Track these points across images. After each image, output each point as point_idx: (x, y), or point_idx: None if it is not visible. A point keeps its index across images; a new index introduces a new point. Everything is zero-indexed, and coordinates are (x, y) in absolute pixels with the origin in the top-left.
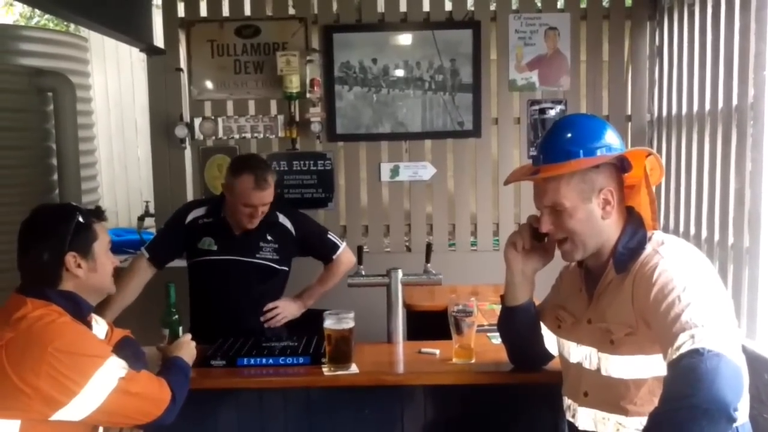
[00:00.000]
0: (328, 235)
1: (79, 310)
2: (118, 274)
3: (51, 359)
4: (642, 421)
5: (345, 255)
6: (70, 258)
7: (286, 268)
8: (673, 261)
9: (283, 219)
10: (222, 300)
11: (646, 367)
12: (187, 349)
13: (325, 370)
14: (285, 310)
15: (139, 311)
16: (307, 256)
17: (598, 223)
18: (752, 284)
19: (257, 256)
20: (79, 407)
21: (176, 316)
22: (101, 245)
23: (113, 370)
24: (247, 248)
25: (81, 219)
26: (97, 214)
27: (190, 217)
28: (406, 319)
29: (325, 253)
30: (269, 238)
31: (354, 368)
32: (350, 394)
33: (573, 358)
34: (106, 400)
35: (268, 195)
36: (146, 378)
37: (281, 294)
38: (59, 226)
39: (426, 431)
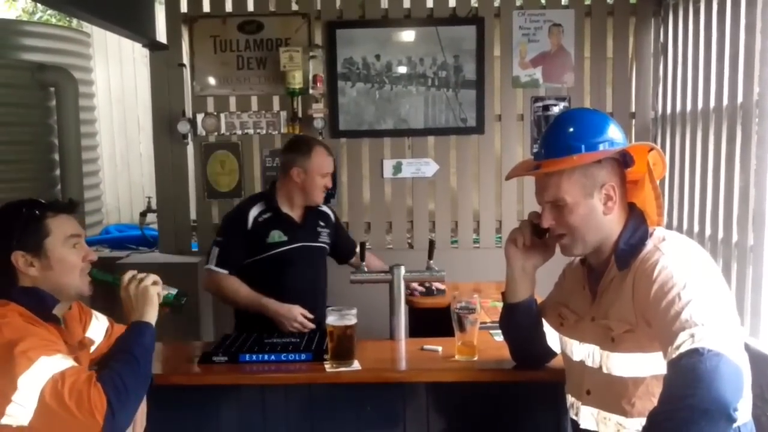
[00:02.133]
0: (349, 233)
1: (43, 305)
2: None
3: None
4: (641, 421)
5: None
6: (19, 257)
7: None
8: (673, 257)
9: (324, 208)
10: (299, 286)
11: (645, 365)
12: (138, 301)
13: (328, 366)
14: None
15: None
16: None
17: (599, 218)
18: (756, 282)
19: (319, 240)
20: (19, 412)
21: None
22: (56, 241)
23: (40, 373)
24: (311, 234)
25: (28, 215)
26: (59, 206)
27: (251, 219)
28: (409, 315)
29: (350, 246)
30: (321, 224)
31: (356, 365)
32: (352, 390)
33: (576, 356)
34: (38, 407)
35: (333, 162)
36: (73, 386)
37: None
38: (4, 224)
39: (428, 428)
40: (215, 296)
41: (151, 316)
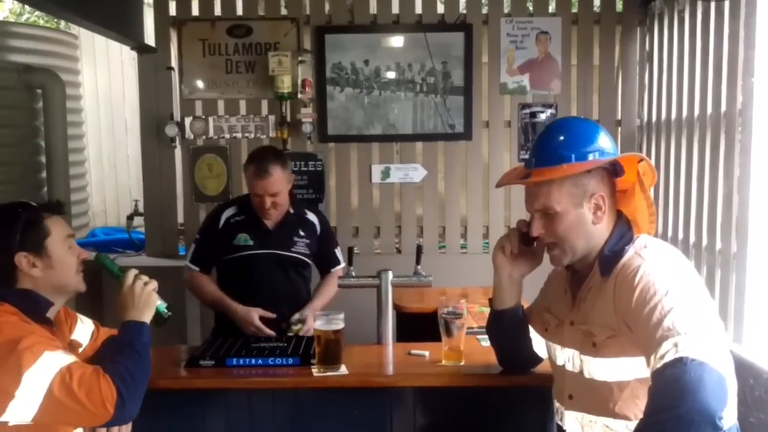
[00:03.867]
0: (337, 249)
1: (36, 307)
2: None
3: None
4: (627, 424)
5: (338, 274)
6: (22, 258)
7: (312, 263)
8: (654, 264)
9: (311, 216)
10: (260, 293)
11: (628, 369)
12: (135, 300)
13: (315, 371)
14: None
15: None
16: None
17: (588, 227)
18: (739, 289)
19: (292, 249)
20: (22, 408)
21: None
22: (56, 240)
23: (47, 367)
24: (282, 242)
25: (28, 217)
26: (50, 208)
27: (223, 219)
28: (396, 320)
29: (329, 261)
30: (301, 233)
31: (343, 369)
32: (339, 395)
33: (558, 361)
34: (45, 401)
35: (270, 184)
36: (81, 379)
37: (308, 288)
38: (5, 226)
39: None
40: (191, 293)
41: (148, 318)
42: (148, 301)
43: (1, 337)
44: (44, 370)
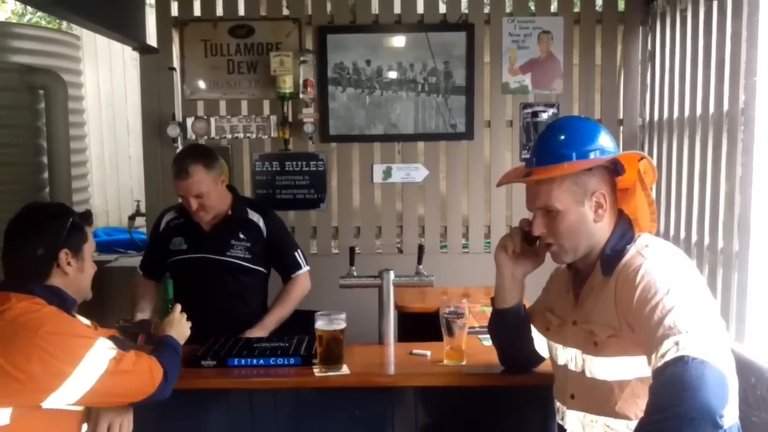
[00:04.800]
0: (297, 252)
1: (64, 303)
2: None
3: (42, 342)
4: (628, 424)
5: (304, 278)
6: (63, 255)
7: (263, 269)
8: (656, 263)
9: (254, 216)
10: (195, 298)
11: (629, 369)
12: (177, 326)
13: (316, 371)
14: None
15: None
16: (270, 266)
17: (589, 226)
18: (741, 288)
19: (228, 254)
20: (72, 389)
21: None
22: (89, 248)
23: (103, 350)
24: (217, 246)
25: (74, 219)
26: (87, 217)
27: (163, 223)
28: (398, 320)
29: (287, 266)
30: (241, 236)
31: (345, 369)
32: (341, 395)
33: (560, 360)
34: (99, 381)
35: (191, 185)
36: (136, 357)
37: (261, 295)
38: (56, 222)
39: None
40: None
41: (182, 342)
42: (184, 331)
43: (51, 326)
44: (101, 352)
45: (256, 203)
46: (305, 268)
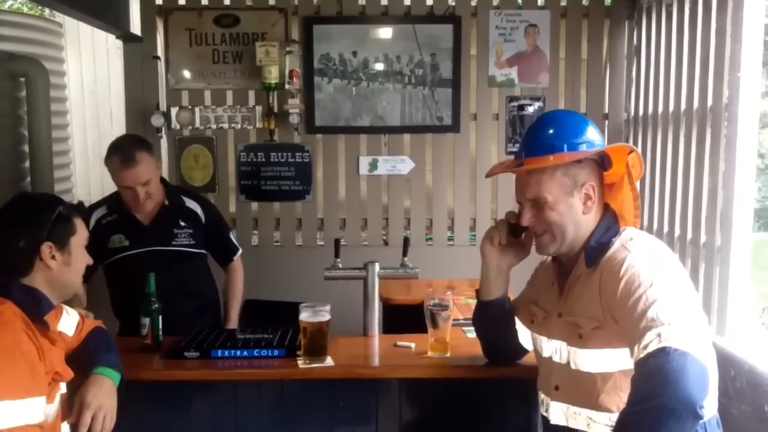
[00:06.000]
0: (231, 234)
1: (38, 307)
2: None
3: None
4: (610, 416)
5: (240, 262)
6: (46, 248)
7: (204, 251)
8: (640, 256)
9: (191, 203)
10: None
11: (613, 361)
12: (103, 395)
13: (300, 362)
14: None
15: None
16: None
17: (578, 217)
18: (722, 282)
19: (173, 243)
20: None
21: (157, 305)
22: (78, 241)
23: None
24: (161, 237)
25: (63, 210)
26: (78, 209)
27: (93, 222)
28: (383, 312)
29: (225, 250)
30: (182, 224)
31: (329, 361)
32: (325, 386)
33: (545, 353)
34: None
35: (139, 172)
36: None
37: (206, 277)
38: (40, 214)
39: (400, 424)
40: None
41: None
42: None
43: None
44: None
45: (188, 191)
46: (240, 250)
